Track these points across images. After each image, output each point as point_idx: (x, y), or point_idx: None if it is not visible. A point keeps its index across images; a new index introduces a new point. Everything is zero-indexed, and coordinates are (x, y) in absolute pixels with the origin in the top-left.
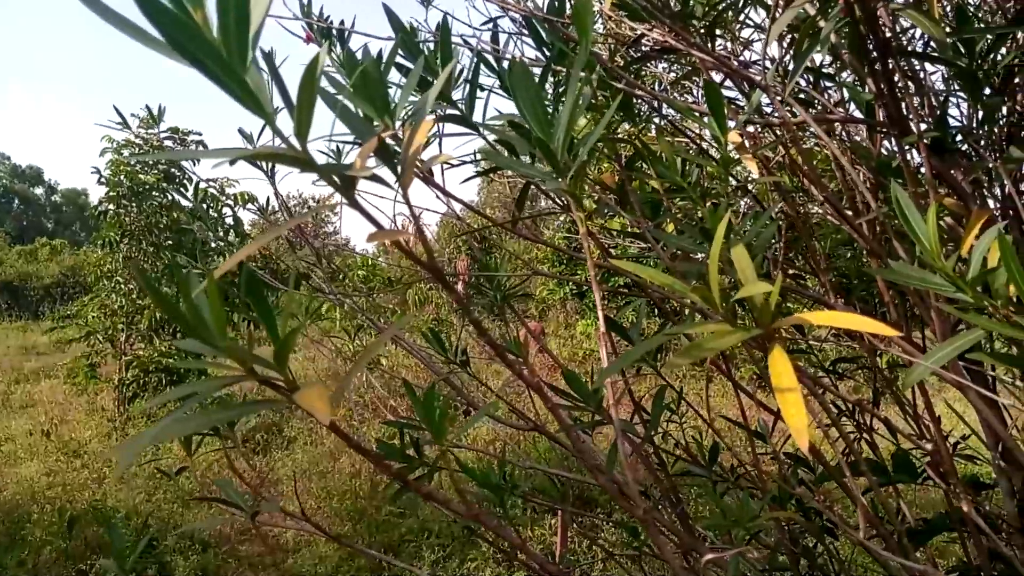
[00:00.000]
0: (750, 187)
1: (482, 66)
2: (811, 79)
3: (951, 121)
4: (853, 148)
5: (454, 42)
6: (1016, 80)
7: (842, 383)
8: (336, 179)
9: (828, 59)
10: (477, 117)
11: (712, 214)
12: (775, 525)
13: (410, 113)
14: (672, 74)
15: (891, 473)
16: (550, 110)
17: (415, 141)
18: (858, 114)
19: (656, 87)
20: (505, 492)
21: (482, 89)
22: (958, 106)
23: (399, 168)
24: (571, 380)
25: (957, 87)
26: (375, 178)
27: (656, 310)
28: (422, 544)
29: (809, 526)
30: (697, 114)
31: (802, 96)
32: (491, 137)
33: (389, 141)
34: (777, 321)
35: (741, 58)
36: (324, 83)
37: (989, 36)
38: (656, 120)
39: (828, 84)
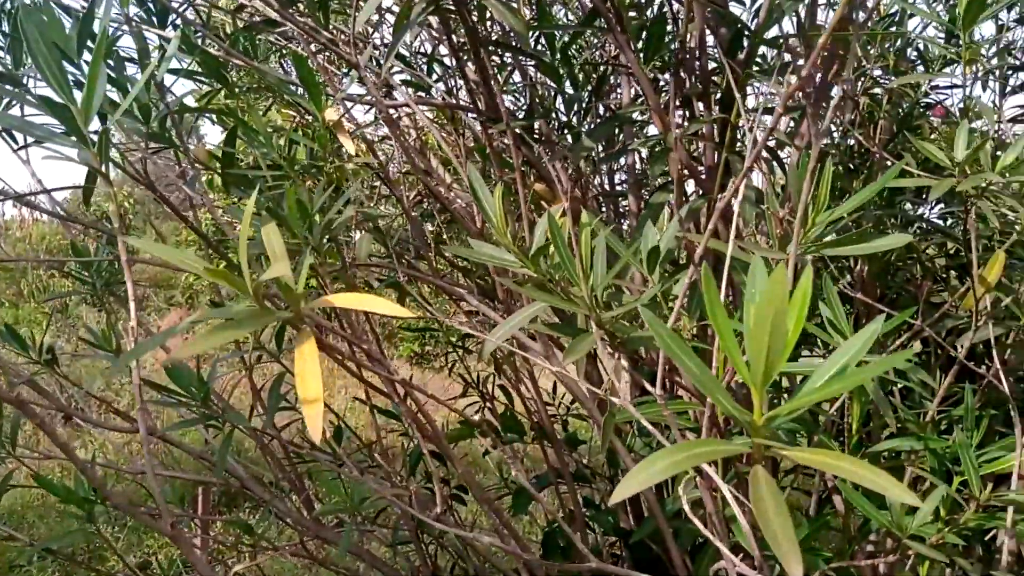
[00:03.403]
0: (394, 169)
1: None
2: (427, 64)
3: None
4: (475, 135)
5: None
6: (608, 84)
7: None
8: None
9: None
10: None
11: (290, 193)
12: (396, 501)
13: None
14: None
15: (502, 435)
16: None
17: None
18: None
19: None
20: (93, 505)
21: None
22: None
23: None
24: (174, 375)
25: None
26: None
27: None
28: (33, 569)
29: (433, 497)
30: (294, 89)
31: (421, 82)
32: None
33: None
34: (307, 303)
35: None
36: None
37: (568, 33)
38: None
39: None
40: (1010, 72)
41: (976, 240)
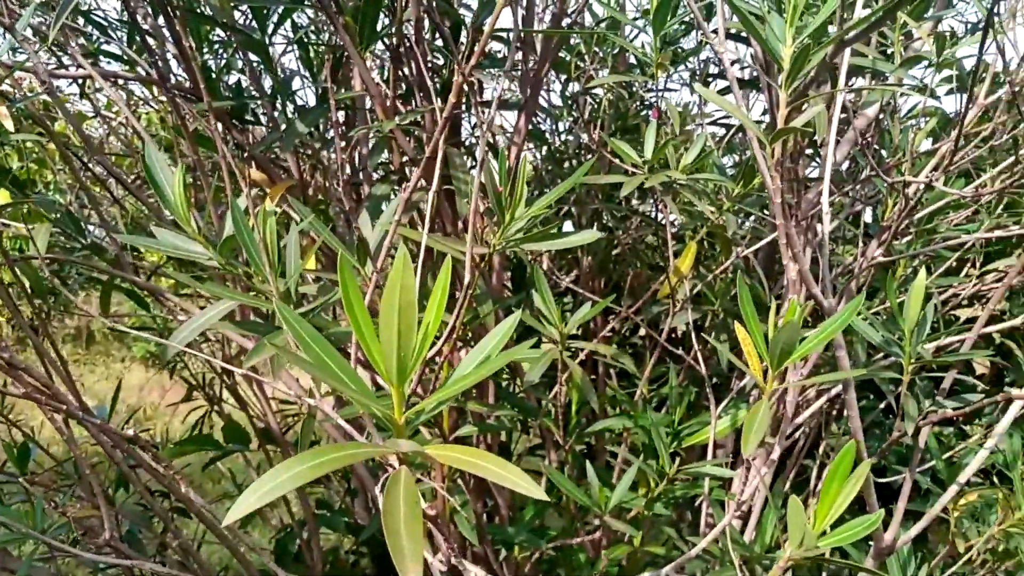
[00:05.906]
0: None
1: None
2: (127, 35)
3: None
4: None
5: None
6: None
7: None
8: None
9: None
10: None
11: None
12: (107, 518)
13: None
14: None
15: (225, 444)
16: None
17: None
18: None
19: None
20: None
21: None
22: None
23: None
24: None
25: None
26: None
27: None
28: None
29: (157, 511)
30: None
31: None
32: None
33: None
34: None
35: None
36: None
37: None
38: None
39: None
40: (710, 79)
41: (669, 232)
